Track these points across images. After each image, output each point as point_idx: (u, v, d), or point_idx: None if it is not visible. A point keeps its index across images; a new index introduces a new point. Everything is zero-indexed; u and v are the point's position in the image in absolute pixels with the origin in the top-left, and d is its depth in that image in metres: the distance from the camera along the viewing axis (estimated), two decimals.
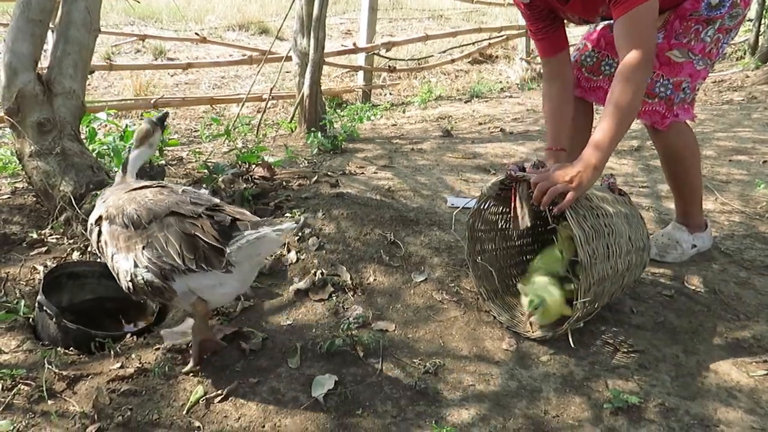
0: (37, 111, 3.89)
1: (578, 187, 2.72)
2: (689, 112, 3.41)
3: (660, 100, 3.29)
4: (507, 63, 13.57)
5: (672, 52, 3.23)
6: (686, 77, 3.28)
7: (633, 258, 3.03)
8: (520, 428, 2.50)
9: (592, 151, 2.80)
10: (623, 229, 2.96)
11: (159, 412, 2.46)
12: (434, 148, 6.06)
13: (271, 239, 2.34)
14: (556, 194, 2.71)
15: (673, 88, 3.27)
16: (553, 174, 2.75)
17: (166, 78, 11.29)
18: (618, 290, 3.06)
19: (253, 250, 2.36)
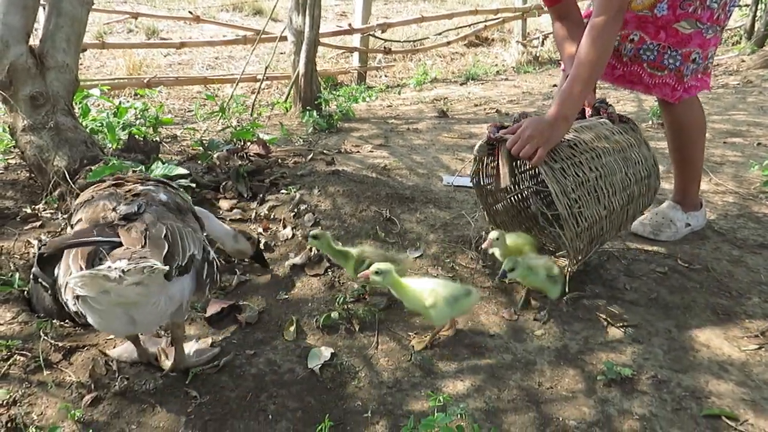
0: (30, 85, 3.85)
1: (548, 142, 2.79)
2: (704, 82, 3.39)
3: (670, 73, 3.27)
4: (503, 46, 13.51)
5: (679, 24, 3.19)
6: (696, 47, 3.24)
7: (635, 190, 3.09)
8: (515, 399, 2.52)
9: (561, 102, 2.89)
10: (617, 167, 3.00)
11: (155, 382, 2.47)
12: (430, 128, 6.05)
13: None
14: (528, 155, 2.79)
15: (682, 60, 3.24)
16: (524, 132, 2.82)
17: (159, 58, 11.18)
18: (625, 222, 3.18)
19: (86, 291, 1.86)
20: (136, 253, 1.92)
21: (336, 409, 2.39)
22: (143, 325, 2.19)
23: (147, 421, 2.27)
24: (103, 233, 2.00)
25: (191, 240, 2.21)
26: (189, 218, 2.43)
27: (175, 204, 2.39)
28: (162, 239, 2.04)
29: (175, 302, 2.19)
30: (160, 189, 2.42)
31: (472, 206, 4.10)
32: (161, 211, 2.25)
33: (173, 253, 2.05)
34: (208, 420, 2.31)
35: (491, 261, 3.49)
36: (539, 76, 10.63)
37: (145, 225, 2.08)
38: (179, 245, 2.11)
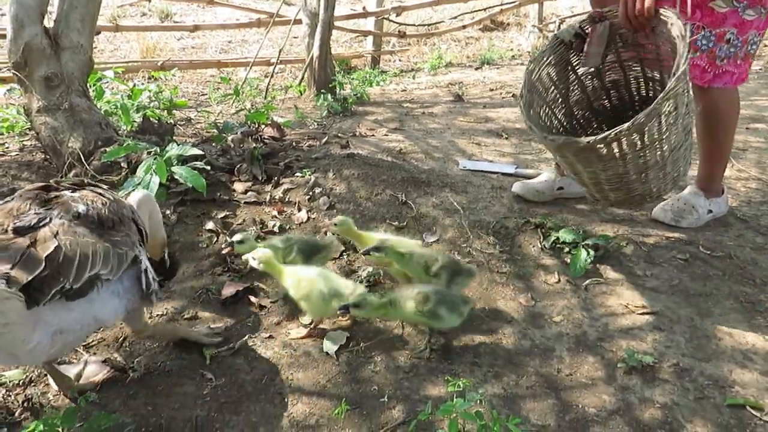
0: (45, 65, 3.82)
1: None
2: (742, 70, 3.20)
3: (702, 54, 3.14)
4: (519, 30, 13.32)
5: (715, 2, 3.04)
6: (731, 27, 3.08)
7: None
8: (533, 386, 2.48)
9: None
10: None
11: (171, 364, 2.46)
12: (445, 112, 5.97)
13: None
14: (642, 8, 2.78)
15: (715, 40, 3.11)
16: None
17: (172, 42, 11.14)
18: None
19: None
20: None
21: (352, 393, 2.37)
22: (31, 361, 1.98)
23: (162, 403, 2.26)
24: None
25: (100, 258, 1.93)
26: (116, 231, 2.10)
27: (97, 216, 2.05)
28: (41, 259, 1.75)
29: (75, 333, 1.93)
30: (82, 200, 2.08)
31: (489, 191, 4.04)
32: (68, 226, 1.93)
33: (57, 275, 1.77)
34: (224, 402, 2.29)
35: (508, 246, 3.45)
36: None
37: (30, 241, 1.79)
38: (74, 264, 1.83)
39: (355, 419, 2.25)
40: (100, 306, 1.99)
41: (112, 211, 2.12)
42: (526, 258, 3.37)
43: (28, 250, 1.75)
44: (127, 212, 2.23)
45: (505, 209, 3.80)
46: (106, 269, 1.96)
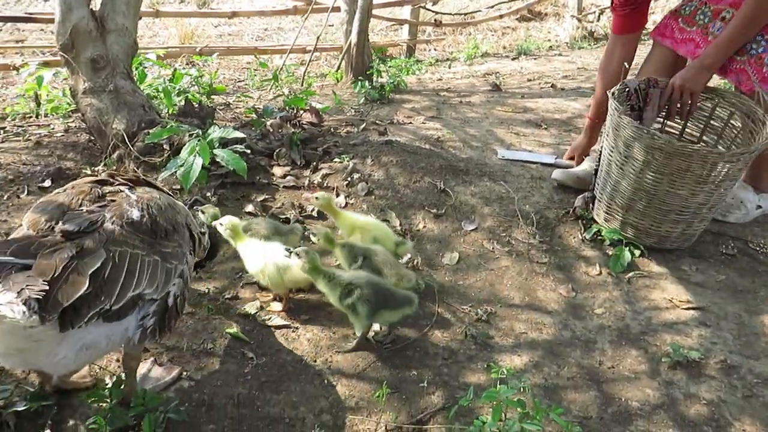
0: (91, 47, 3.89)
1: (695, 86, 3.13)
2: None
3: (750, 59, 3.07)
4: (556, 20, 13.08)
5: None
6: None
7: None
8: (575, 377, 2.45)
9: (708, 51, 3.07)
10: None
11: (213, 343, 2.49)
12: (483, 102, 5.90)
13: None
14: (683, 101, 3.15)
15: (766, 45, 3.04)
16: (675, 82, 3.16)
17: (210, 29, 11.24)
18: None
19: None
20: (30, 286, 1.47)
21: (392, 377, 2.37)
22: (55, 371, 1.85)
23: (205, 380, 2.29)
24: (19, 251, 1.58)
25: (147, 274, 1.79)
26: (168, 241, 1.95)
27: (150, 224, 1.90)
28: (84, 276, 1.58)
29: (100, 349, 1.77)
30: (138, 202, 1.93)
31: (528, 181, 3.98)
32: (119, 233, 1.78)
33: (99, 294, 1.62)
34: (265, 381, 2.31)
35: (548, 236, 3.40)
36: (594, 51, 10.26)
37: (75, 251, 1.63)
38: (118, 283, 1.68)
39: (394, 403, 2.25)
40: (126, 328, 1.82)
41: (167, 218, 1.97)
42: (567, 249, 3.32)
43: (72, 264, 1.58)
44: (181, 218, 2.08)
45: (545, 199, 3.75)
46: (150, 288, 1.81)
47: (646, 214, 3.12)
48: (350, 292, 2.43)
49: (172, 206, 2.07)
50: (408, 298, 2.51)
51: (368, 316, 2.43)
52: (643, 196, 3.08)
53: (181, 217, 2.08)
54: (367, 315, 2.43)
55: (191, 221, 2.16)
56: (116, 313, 1.72)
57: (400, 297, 2.49)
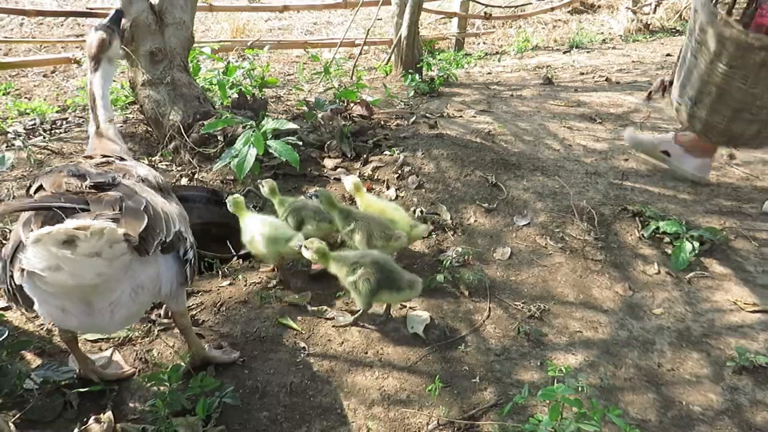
0: (150, 40, 3.98)
1: None
2: None
3: None
4: (610, 13, 12.72)
5: None
6: None
7: None
8: (632, 378, 2.37)
9: None
10: None
11: (266, 331, 2.52)
12: (535, 95, 5.79)
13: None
14: None
15: None
16: None
17: (260, 23, 11.38)
18: None
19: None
20: (102, 216, 1.54)
21: (443, 372, 2.35)
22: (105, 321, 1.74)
23: (258, 367, 2.32)
24: (69, 199, 1.62)
25: (177, 215, 1.89)
26: (170, 197, 2.09)
27: (157, 180, 2.03)
28: (141, 210, 1.67)
29: (146, 293, 1.82)
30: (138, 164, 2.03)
31: (582, 176, 3.89)
32: (139, 185, 1.88)
33: (154, 227, 1.69)
34: (316, 371, 2.32)
35: (604, 233, 3.30)
36: (650, 44, 9.92)
37: (121, 195, 1.70)
38: (162, 219, 1.76)
39: (446, 397, 2.22)
40: (166, 268, 1.89)
41: (162, 181, 2.12)
42: (623, 247, 3.23)
43: (122, 202, 1.65)
44: (167, 183, 2.19)
45: (600, 195, 3.65)
46: (183, 227, 1.92)
47: (715, 109, 2.90)
48: (354, 270, 2.50)
49: (158, 175, 2.17)
50: (411, 282, 2.53)
51: (369, 294, 2.48)
52: (713, 90, 2.87)
53: (167, 185, 2.19)
54: (367, 293, 2.48)
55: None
56: (170, 245, 1.80)
57: (403, 280, 2.52)
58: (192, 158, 3.84)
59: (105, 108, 2.38)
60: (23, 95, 6.22)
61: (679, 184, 3.82)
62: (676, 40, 10.13)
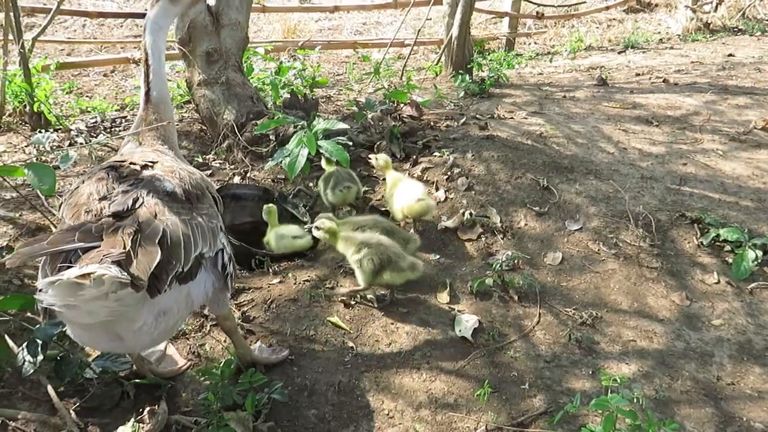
0: (206, 41, 4.08)
1: None
2: None
3: None
4: (668, 11, 12.32)
5: None
6: None
7: None
8: (689, 391, 2.29)
9: None
10: None
11: (315, 330, 2.54)
12: (588, 97, 5.66)
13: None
14: None
15: None
16: None
17: (310, 23, 11.52)
18: None
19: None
20: (108, 256, 1.51)
21: (491, 377, 2.32)
22: (134, 344, 1.78)
23: (307, 365, 2.34)
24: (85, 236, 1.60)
25: (200, 235, 1.83)
26: (202, 204, 1.98)
27: (184, 191, 1.92)
28: (155, 245, 1.62)
29: (176, 313, 1.81)
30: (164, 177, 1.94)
31: (638, 180, 3.78)
32: (162, 204, 1.81)
33: (170, 259, 1.66)
34: (364, 371, 2.33)
35: (660, 240, 3.20)
36: (711, 44, 9.56)
37: (136, 226, 1.66)
38: (181, 247, 1.72)
39: (494, 403, 2.20)
40: (194, 285, 1.86)
41: (193, 184, 1.99)
42: (680, 254, 3.12)
43: (137, 235, 1.62)
44: (203, 182, 2.08)
45: (656, 201, 3.54)
46: (206, 246, 1.85)
47: None
48: (359, 250, 2.63)
49: (191, 173, 2.06)
50: (413, 264, 2.65)
51: (371, 272, 2.59)
52: None
53: (202, 182, 2.08)
54: (370, 271, 2.59)
55: (208, 183, 2.17)
56: (188, 274, 1.77)
57: (406, 262, 2.64)
58: (244, 157, 3.91)
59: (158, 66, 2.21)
60: (84, 94, 6.48)
61: (741, 191, 3.67)
62: (738, 40, 9.73)
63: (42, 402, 2.08)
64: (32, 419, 1.99)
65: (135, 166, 1.96)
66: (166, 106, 2.27)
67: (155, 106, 2.23)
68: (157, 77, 2.23)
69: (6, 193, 3.36)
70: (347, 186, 3.29)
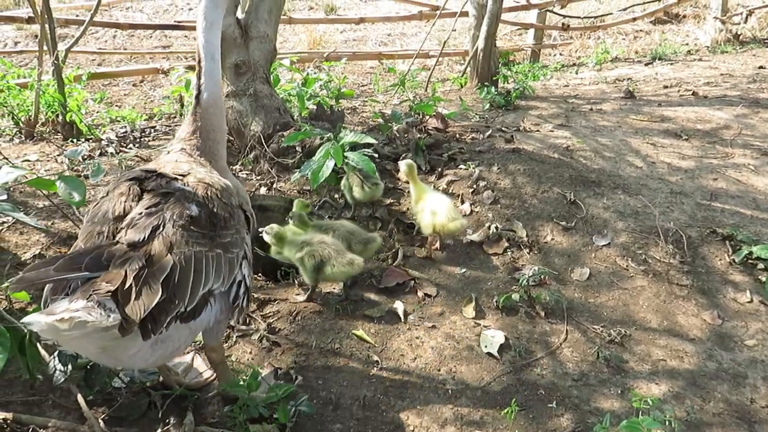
0: (235, 53, 4.13)
1: None
2: None
3: None
4: (696, 23, 12.16)
5: None
6: None
7: None
8: (722, 413, 2.24)
9: None
10: None
11: (340, 343, 2.54)
12: (615, 110, 5.60)
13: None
14: None
15: None
16: None
17: (336, 35, 11.61)
18: None
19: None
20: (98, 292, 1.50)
21: (518, 395, 2.29)
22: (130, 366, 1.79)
23: (332, 378, 2.34)
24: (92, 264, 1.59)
25: (213, 270, 1.77)
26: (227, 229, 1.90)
27: (208, 217, 1.85)
28: (158, 284, 1.58)
29: (175, 341, 1.78)
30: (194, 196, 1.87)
31: (667, 195, 3.72)
32: (180, 234, 1.74)
33: (173, 298, 1.63)
34: (389, 386, 2.32)
35: (690, 257, 3.14)
36: (741, 56, 9.40)
37: (144, 261, 1.62)
38: (188, 286, 1.68)
39: (521, 421, 2.17)
40: (197, 322, 1.82)
41: (223, 204, 1.92)
42: (712, 272, 3.06)
43: (143, 273, 1.58)
44: (235, 199, 2.01)
45: (686, 216, 3.48)
46: (218, 282, 1.80)
47: None
48: (301, 248, 2.75)
49: (226, 188, 1.99)
50: (351, 260, 2.71)
51: (313, 269, 2.71)
52: None
53: (234, 199, 2.00)
54: (312, 268, 2.71)
55: (243, 199, 2.08)
56: (192, 313, 1.73)
57: (345, 258, 2.71)
58: (271, 168, 3.94)
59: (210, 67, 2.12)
60: (114, 103, 6.60)
61: None
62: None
63: (71, 410, 2.11)
64: (62, 427, 2.02)
65: (163, 180, 1.91)
66: (217, 110, 2.17)
67: (204, 110, 2.13)
68: (209, 78, 2.12)
69: (39, 201, 3.43)
70: (375, 183, 3.38)
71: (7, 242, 2.92)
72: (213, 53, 2.12)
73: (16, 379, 2.18)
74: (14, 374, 2.19)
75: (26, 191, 3.46)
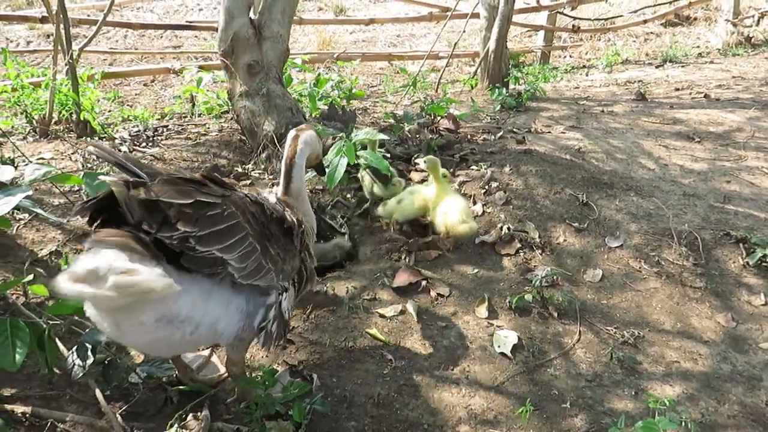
0: (248, 53, 4.15)
1: None
2: None
3: None
4: (707, 25, 12.11)
5: None
6: None
7: None
8: (736, 416, 2.23)
9: None
10: None
11: (354, 341, 2.55)
12: (627, 112, 5.59)
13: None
14: None
15: None
16: None
17: (345, 35, 11.64)
18: None
19: None
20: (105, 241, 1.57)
21: (531, 395, 2.29)
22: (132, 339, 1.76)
23: (346, 377, 2.35)
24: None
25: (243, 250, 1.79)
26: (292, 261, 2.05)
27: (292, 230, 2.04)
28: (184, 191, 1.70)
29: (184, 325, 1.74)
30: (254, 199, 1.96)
31: (680, 198, 3.71)
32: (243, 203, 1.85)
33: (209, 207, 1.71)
34: (403, 384, 2.33)
35: (704, 259, 3.14)
36: (752, 59, 9.36)
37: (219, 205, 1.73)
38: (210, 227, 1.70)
39: (535, 421, 2.17)
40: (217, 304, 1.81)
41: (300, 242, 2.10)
42: (725, 274, 3.05)
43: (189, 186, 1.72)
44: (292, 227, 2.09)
45: (699, 219, 3.47)
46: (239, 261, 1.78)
47: None
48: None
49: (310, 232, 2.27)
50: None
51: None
52: None
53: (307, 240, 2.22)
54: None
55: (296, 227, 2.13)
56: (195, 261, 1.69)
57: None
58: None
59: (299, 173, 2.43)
60: (126, 103, 6.65)
61: None
62: None
63: (89, 405, 2.13)
64: (80, 422, 2.04)
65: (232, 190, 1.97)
66: (302, 197, 2.45)
67: (291, 197, 2.39)
68: (297, 174, 2.41)
69: (54, 199, 3.46)
70: (398, 180, 3.50)
71: (24, 239, 2.95)
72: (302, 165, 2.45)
73: (35, 374, 2.20)
74: (33, 369, 2.21)
75: (41, 189, 3.49)
